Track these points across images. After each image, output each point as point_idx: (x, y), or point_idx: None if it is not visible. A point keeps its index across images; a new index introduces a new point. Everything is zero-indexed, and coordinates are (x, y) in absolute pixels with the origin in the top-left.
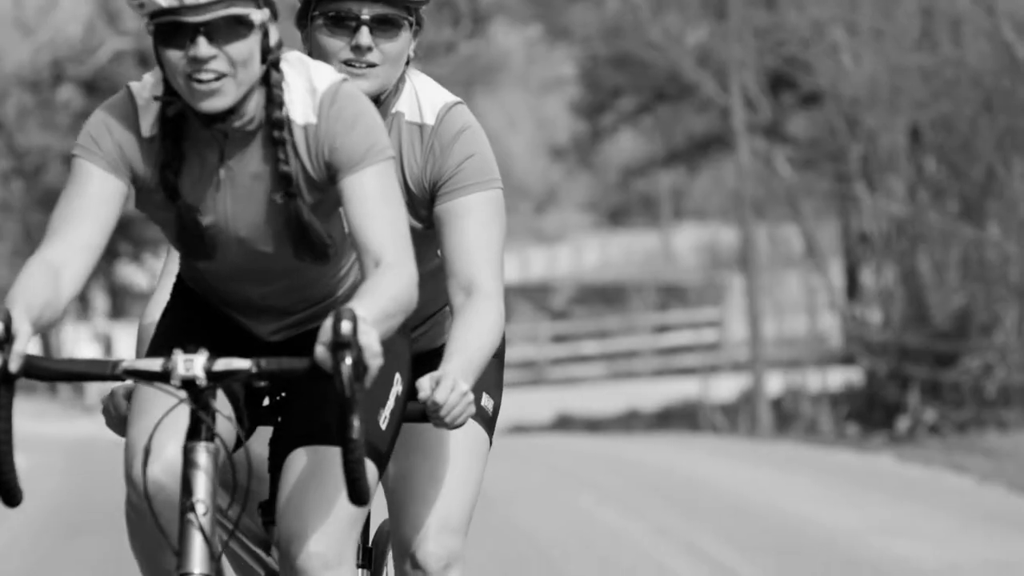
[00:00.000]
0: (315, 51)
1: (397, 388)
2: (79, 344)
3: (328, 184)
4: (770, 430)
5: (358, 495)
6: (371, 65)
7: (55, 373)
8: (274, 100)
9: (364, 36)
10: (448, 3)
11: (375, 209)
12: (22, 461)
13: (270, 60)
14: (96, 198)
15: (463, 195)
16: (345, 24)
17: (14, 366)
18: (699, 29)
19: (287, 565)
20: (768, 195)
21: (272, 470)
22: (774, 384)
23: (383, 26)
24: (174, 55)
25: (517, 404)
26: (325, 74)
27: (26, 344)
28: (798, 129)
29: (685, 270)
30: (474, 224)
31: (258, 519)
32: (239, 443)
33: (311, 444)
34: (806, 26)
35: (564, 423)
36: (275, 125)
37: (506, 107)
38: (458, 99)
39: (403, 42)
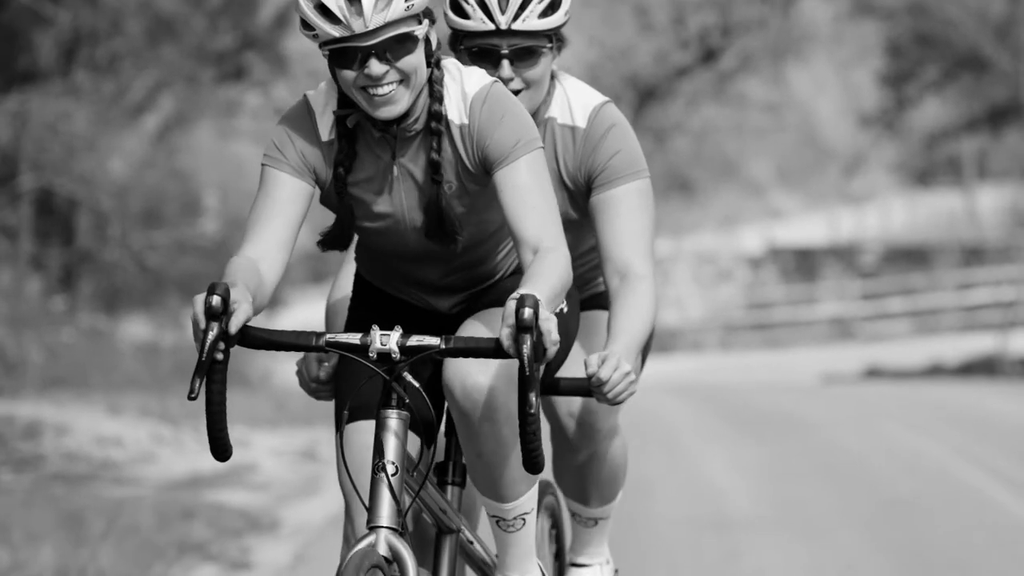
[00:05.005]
0: None
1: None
2: None
3: (485, 177)
4: None
5: (533, 463)
6: (515, 91)
7: (266, 342)
8: (434, 95)
9: (505, 69)
10: None
11: (527, 199)
12: None
13: (432, 61)
14: (285, 201)
15: (614, 187)
16: (487, 58)
17: (234, 330)
18: (998, 6)
19: (449, 396)
20: None
21: (446, 435)
22: None
23: (522, 56)
24: (349, 74)
25: (827, 358)
26: (476, 78)
27: (246, 315)
28: None
29: (987, 230)
30: (625, 213)
31: (433, 479)
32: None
33: (488, 308)
34: None
35: (872, 375)
36: (433, 117)
37: (814, 73)
38: (606, 99)
39: (543, 66)
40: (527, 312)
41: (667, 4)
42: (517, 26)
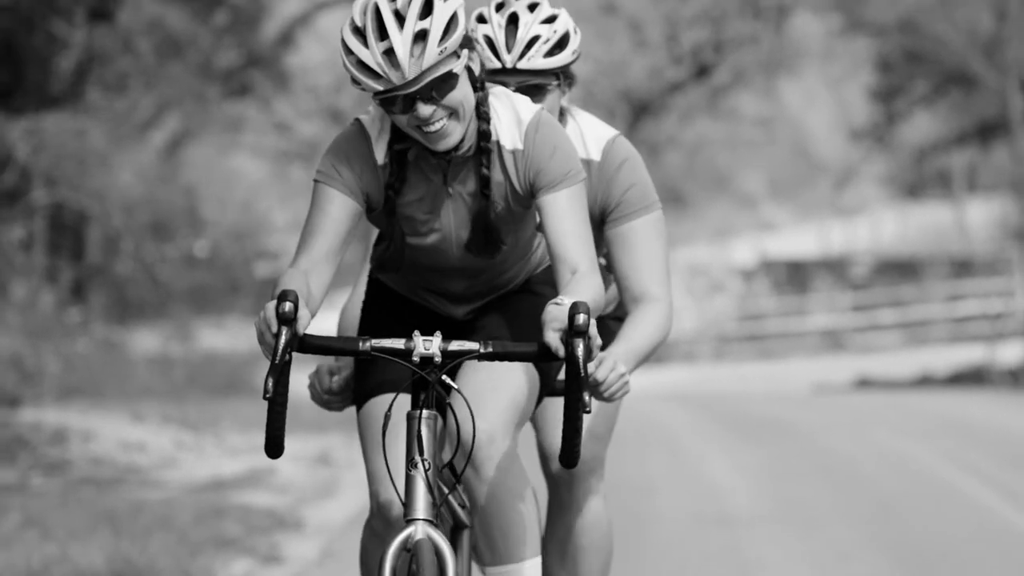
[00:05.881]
0: None
1: None
2: None
3: (529, 198)
4: None
5: (571, 457)
6: None
7: (321, 348)
8: (482, 116)
9: None
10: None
11: (570, 226)
12: None
13: (478, 85)
14: (336, 218)
15: (629, 220)
16: None
17: (300, 334)
18: (986, 23)
19: (461, 444)
20: None
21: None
22: None
23: (529, 93)
24: (401, 118)
25: (819, 369)
26: (526, 105)
27: (307, 322)
28: None
29: (976, 243)
30: (641, 244)
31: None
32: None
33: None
34: None
35: (862, 385)
36: (482, 136)
37: (806, 88)
38: (617, 132)
39: (549, 102)
40: (582, 317)
41: (661, 21)
42: (523, 65)
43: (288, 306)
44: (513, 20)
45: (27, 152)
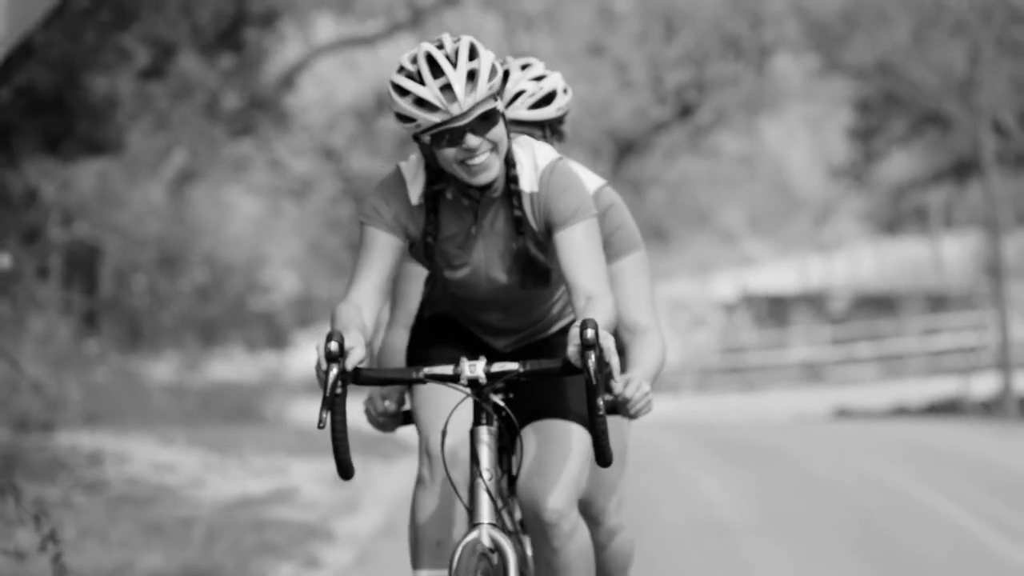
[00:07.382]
0: None
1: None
2: None
3: (547, 237)
4: (1017, 421)
5: (605, 458)
6: None
7: (375, 379)
8: (509, 162)
9: None
10: (732, 41)
11: (582, 257)
12: None
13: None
14: (381, 253)
15: (617, 259)
16: None
17: (349, 368)
18: (960, 67)
19: (531, 514)
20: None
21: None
22: None
23: None
24: (449, 152)
25: (799, 400)
26: (545, 153)
27: (359, 358)
28: None
29: (951, 278)
30: (629, 280)
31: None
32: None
33: (541, 419)
34: None
35: (841, 415)
36: (510, 180)
37: (786, 126)
38: (604, 181)
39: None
40: (589, 332)
41: (645, 62)
42: (507, 115)
43: (334, 345)
44: (504, 76)
45: (52, 192)
